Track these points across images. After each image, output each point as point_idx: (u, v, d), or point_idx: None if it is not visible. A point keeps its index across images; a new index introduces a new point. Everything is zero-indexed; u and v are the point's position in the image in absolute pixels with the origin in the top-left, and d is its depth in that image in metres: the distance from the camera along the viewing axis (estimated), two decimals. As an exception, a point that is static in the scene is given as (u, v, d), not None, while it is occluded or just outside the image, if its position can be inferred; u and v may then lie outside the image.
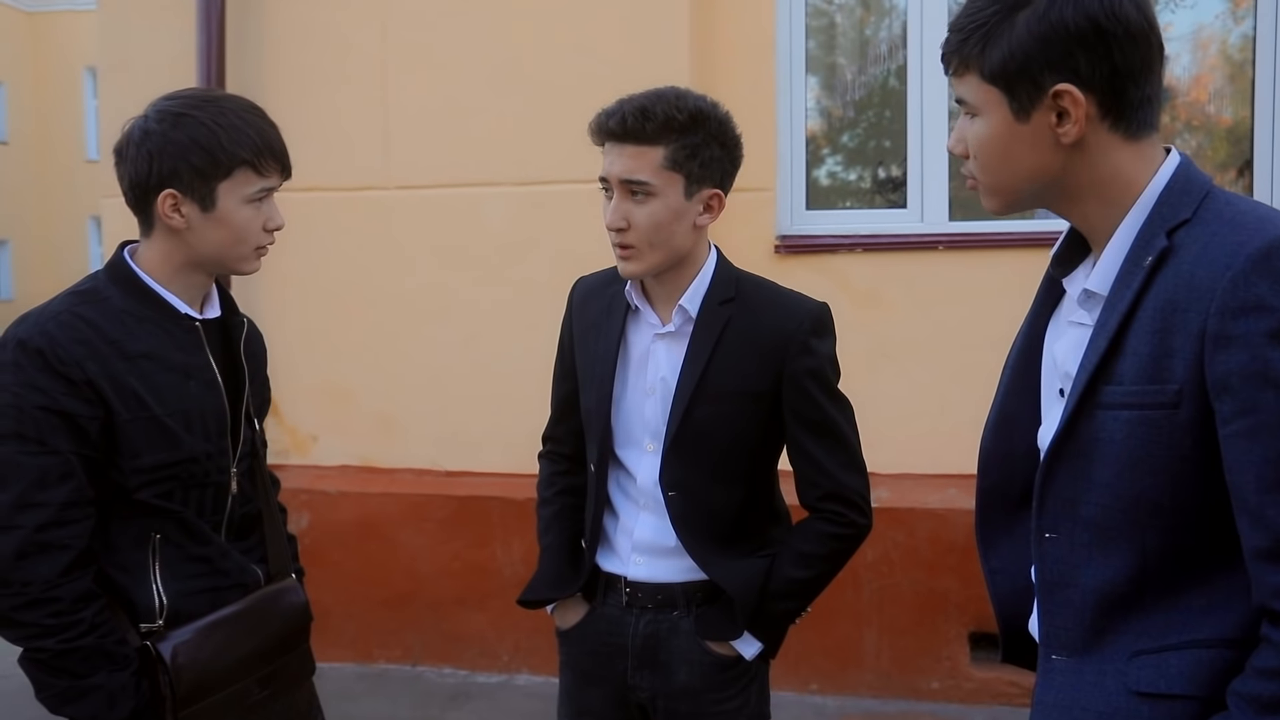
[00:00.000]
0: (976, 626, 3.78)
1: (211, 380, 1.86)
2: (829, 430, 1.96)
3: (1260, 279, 1.14)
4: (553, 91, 4.00)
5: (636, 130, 1.80)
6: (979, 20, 1.28)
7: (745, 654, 1.96)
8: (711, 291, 1.93)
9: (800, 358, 1.92)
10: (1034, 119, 1.27)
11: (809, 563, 1.95)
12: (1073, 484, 1.28)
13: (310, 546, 4.15)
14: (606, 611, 2.02)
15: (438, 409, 4.27)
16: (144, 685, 1.75)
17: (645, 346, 1.97)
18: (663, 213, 1.83)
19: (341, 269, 4.31)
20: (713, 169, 1.86)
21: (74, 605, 1.70)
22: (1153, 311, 1.22)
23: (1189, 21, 4.29)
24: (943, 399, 3.94)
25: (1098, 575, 1.27)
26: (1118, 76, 1.24)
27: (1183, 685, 1.22)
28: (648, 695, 2.00)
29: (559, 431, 2.17)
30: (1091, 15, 1.23)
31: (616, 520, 2.02)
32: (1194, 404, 1.19)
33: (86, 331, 1.74)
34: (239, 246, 1.83)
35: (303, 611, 1.98)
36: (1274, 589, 1.14)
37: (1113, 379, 1.24)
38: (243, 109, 1.81)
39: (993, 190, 1.35)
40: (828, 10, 4.44)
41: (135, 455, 1.75)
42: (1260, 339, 1.13)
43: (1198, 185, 1.27)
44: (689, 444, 1.91)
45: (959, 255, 3.99)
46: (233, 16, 4.26)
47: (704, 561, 1.93)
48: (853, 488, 1.96)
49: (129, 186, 1.80)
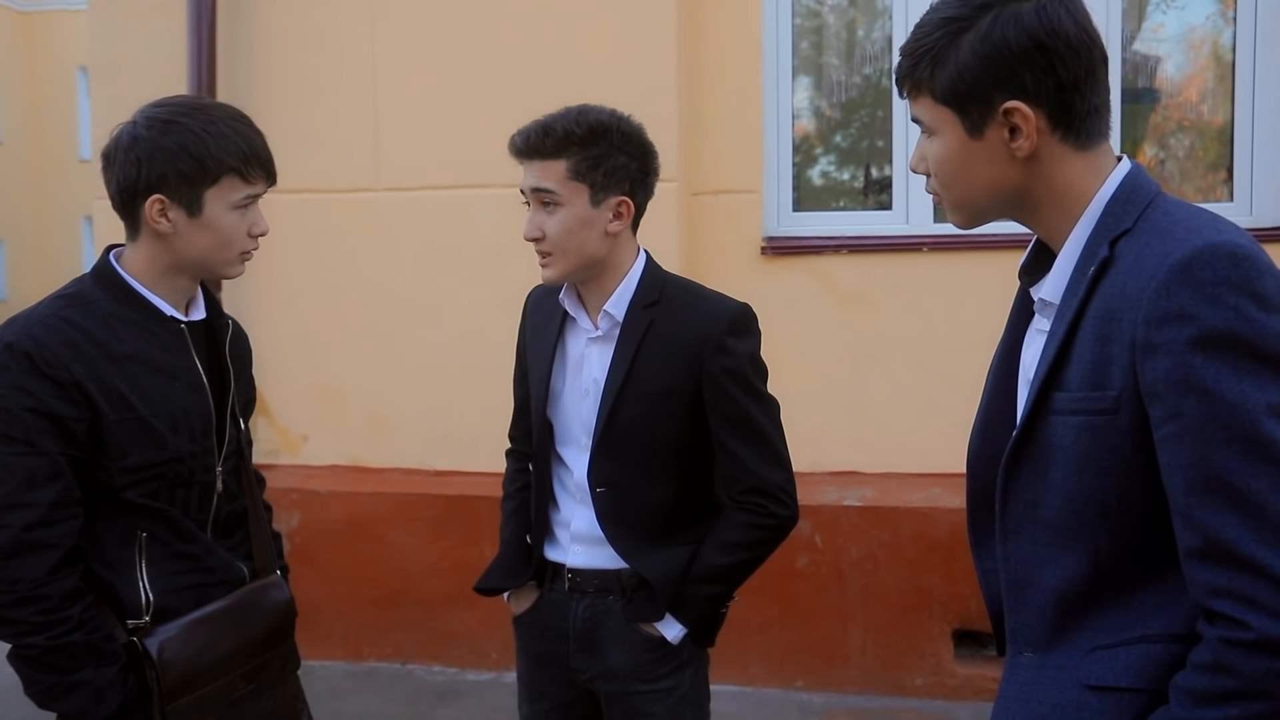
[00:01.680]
0: (960, 624, 3.81)
1: (197, 381, 1.89)
2: (748, 426, 2.04)
3: (1181, 288, 1.17)
4: (542, 93, 3.97)
5: (539, 145, 1.94)
6: (926, 45, 1.32)
7: (668, 635, 2.05)
8: (636, 296, 2.04)
9: (717, 357, 2.00)
10: (987, 135, 1.32)
11: (729, 550, 2.04)
12: (1032, 486, 1.33)
13: (300, 546, 4.19)
14: (553, 597, 2.15)
15: (428, 409, 4.29)
16: (131, 680, 1.79)
17: (580, 350, 2.09)
18: (571, 220, 1.96)
19: (332, 270, 4.33)
20: (618, 178, 1.97)
21: (62, 602, 1.73)
22: (1094, 320, 1.26)
23: (1180, 23, 4.32)
24: (927, 399, 3.97)
25: (1057, 575, 1.32)
26: (1064, 89, 1.28)
27: (1129, 678, 1.26)
28: (586, 677, 2.12)
29: (519, 431, 2.31)
30: (1032, 33, 1.27)
31: (558, 512, 2.15)
32: (1132, 409, 1.23)
33: (73, 334, 1.77)
34: (224, 252, 1.86)
35: (287, 607, 2.02)
36: (1206, 587, 1.18)
37: (1062, 385, 1.28)
38: (231, 117, 1.85)
39: (955, 205, 1.40)
40: (817, 12, 4.47)
41: (122, 455, 1.78)
42: (1181, 347, 1.16)
43: (1143, 194, 1.31)
44: (616, 443, 2.02)
45: (944, 257, 4.02)
46: (223, 18, 4.28)
47: (627, 553, 2.04)
48: (774, 481, 2.05)
49: (116, 191, 1.83)
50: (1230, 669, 1.15)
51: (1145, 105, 4.40)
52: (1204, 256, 1.17)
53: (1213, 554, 1.16)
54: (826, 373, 4.04)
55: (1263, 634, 1.13)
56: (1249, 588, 1.14)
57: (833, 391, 4.04)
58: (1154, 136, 4.43)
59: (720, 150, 4.10)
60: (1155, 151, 4.42)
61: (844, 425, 4.04)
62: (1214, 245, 1.18)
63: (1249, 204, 3.96)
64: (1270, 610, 1.13)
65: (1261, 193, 3.94)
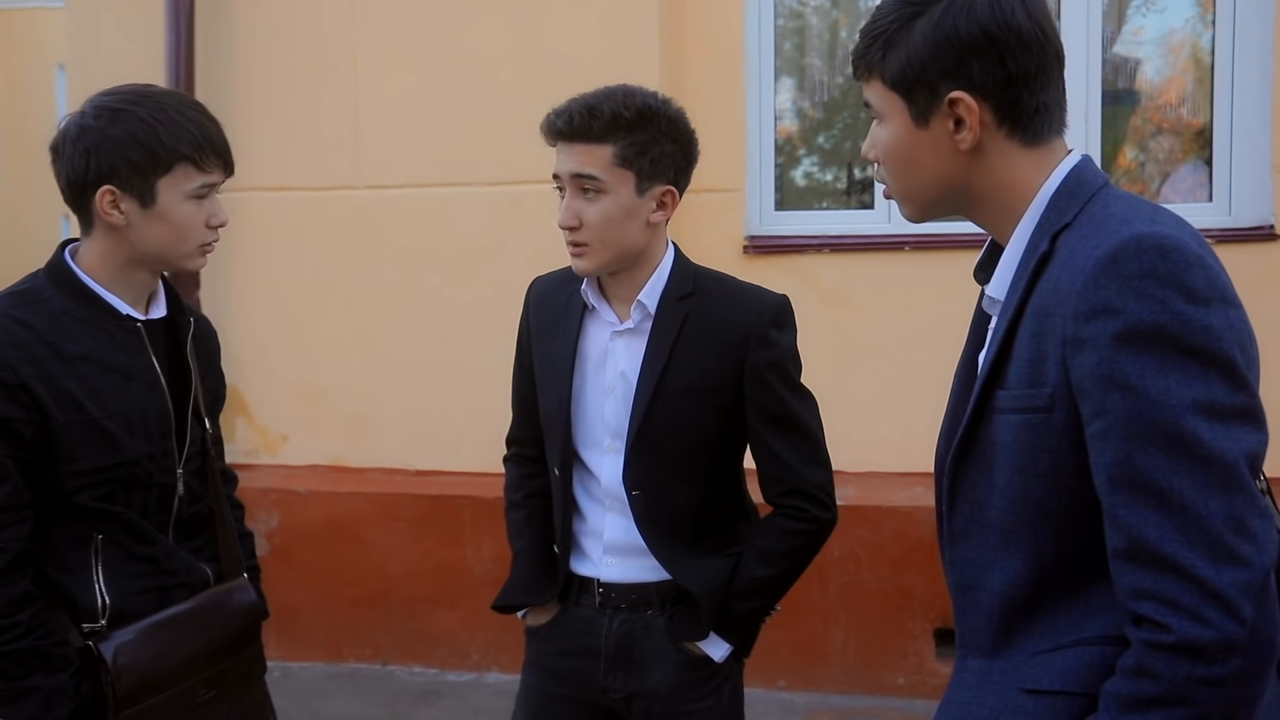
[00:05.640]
0: (942, 623, 3.82)
1: (154, 381, 1.83)
2: (791, 424, 1.95)
3: (1108, 282, 1.14)
4: (524, 91, 4.00)
5: (584, 128, 1.81)
6: (881, 28, 1.31)
7: (714, 655, 1.95)
8: (670, 287, 1.93)
9: (761, 350, 1.91)
10: (933, 125, 1.29)
11: (773, 560, 1.94)
12: (978, 488, 1.29)
13: (280, 546, 4.16)
14: (580, 612, 2.00)
15: (409, 408, 4.27)
16: (84, 686, 1.73)
17: (603, 345, 1.96)
18: (614, 209, 1.84)
19: (313, 269, 4.30)
20: (664, 165, 1.87)
21: (9, 608, 1.68)
22: (1031, 316, 1.23)
23: (1160, 25, 4.34)
24: (909, 398, 3.97)
25: (1001, 578, 1.28)
26: (1011, 84, 1.26)
27: (1064, 682, 1.22)
28: (621, 697, 1.98)
29: (522, 434, 2.15)
30: (984, 24, 1.24)
31: (584, 522, 2.00)
32: (1065, 407, 1.19)
33: (22, 334, 1.71)
34: (181, 243, 1.81)
35: (252, 610, 1.96)
36: (1130, 590, 1.14)
37: (1003, 383, 1.26)
38: (182, 104, 1.80)
39: (903, 196, 1.37)
40: (800, 13, 4.47)
41: (73, 459, 1.73)
42: (1107, 342, 1.13)
43: (1086, 187, 1.27)
44: (652, 441, 1.90)
45: (925, 255, 4.03)
46: (202, 14, 4.25)
47: (668, 561, 1.92)
48: (816, 482, 1.95)
49: (66, 184, 1.78)
50: (1152, 673, 1.11)
51: (1125, 107, 4.42)
52: (1130, 249, 1.14)
53: (1136, 555, 1.12)
54: (808, 372, 3.98)
55: (1183, 637, 1.09)
56: (1171, 590, 1.10)
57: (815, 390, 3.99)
58: (1134, 138, 4.45)
59: (703, 149, 4.03)
60: (1135, 154, 4.44)
61: (826, 424, 4.01)
62: (1142, 237, 1.14)
63: (1228, 205, 3.98)
64: (1191, 613, 1.09)
65: (1240, 194, 3.97)
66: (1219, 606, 1.08)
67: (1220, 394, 1.12)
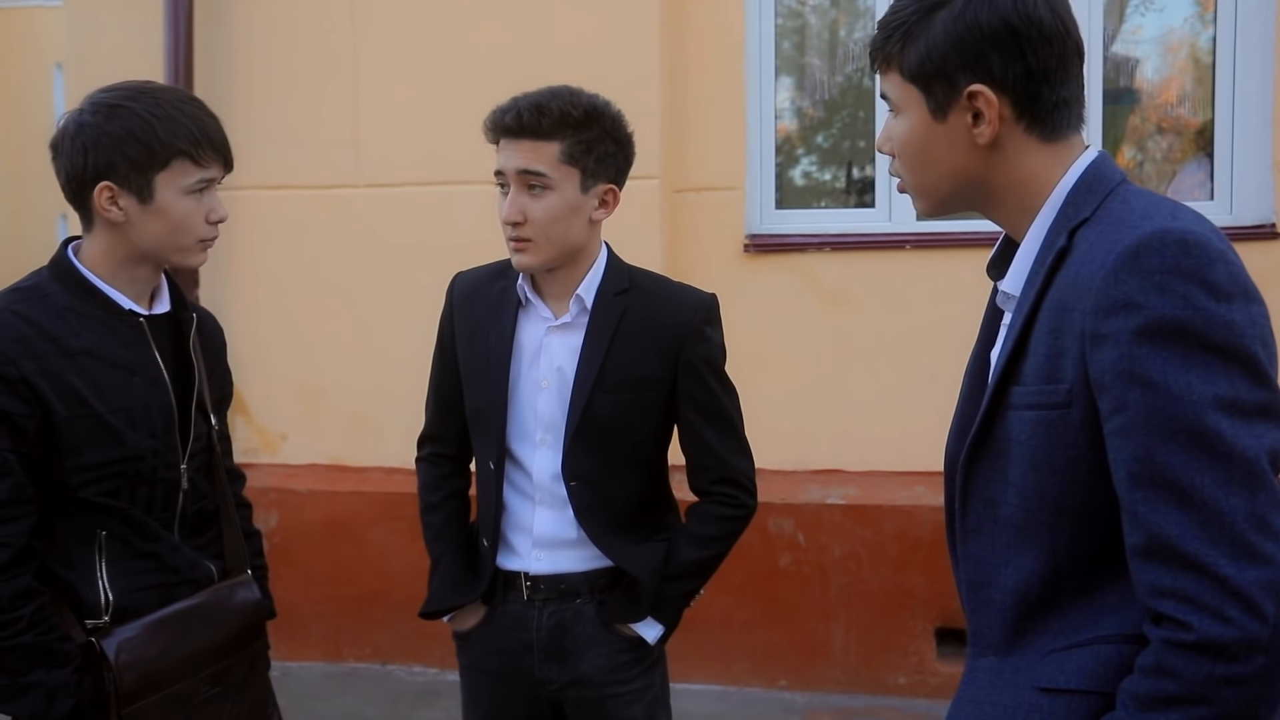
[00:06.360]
0: (943, 622, 3.82)
1: (157, 377, 1.83)
2: (720, 416, 2.03)
3: (1129, 276, 1.13)
4: (523, 90, 4.00)
5: (533, 125, 1.85)
6: (901, 19, 1.30)
7: (648, 637, 2.01)
8: (605, 283, 1.98)
9: (697, 345, 1.98)
10: (951, 119, 1.28)
11: (706, 544, 2.02)
12: (991, 485, 1.29)
13: (279, 545, 4.16)
14: (508, 609, 2.03)
15: (409, 407, 4.23)
16: (86, 682, 1.73)
17: (538, 340, 1.99)
18: (560, 206, 1.87)
19: (312, 267, 4.30)
20: (607, 164, 1.91)
21: (12, 603, 1.68)
22: (1049, 312, 1.22)
23: (1158, 24, 4.34)
24: (910, 397, 3.97)
25: (1015, 575, 1.27)
26: (1031, 78, 1.25)
27: (1080, 680, 1.21)
28: (556, 686, 2.02)
29: (441, 431, 2.16)
30: (1005, 17, 1.24)
31: (511, 517, 2.03)
32: (1083, 403, 1.18)
33: (25, 329, 1.72)
34: (180, 239, 1.81)
35: (257, 608, 1.96)
36: (1150, 587, 1.13)
37: (1019, 380, 1.25)
38: (180, 100, 1.80)
39: (918, 190, 1.36)
40: (799, 12, 4.47)
41: (77, 453, 1.73)
42: (1128, 337, 1.12)
43: (1105, 182, 1.26)
44: (590, 434, 1.95)
45: (926, 255, 4.03)
46: (201, 12, 4.24)
47: (607, 548, 1.98)
48: (742, 471, 2.04)
49: (65, 181, 1.78)
50: (1172, 672, 1.10)
51: (1125, 106, 4.42)
52: (1153, 243, 1.13)
53: (1156, 552, 1.12)
54: (809, 371, 4.04)
55: (1204, 636, 1.08)
56: (1191, 588, 1.09)
57: (815, 389, 4.04)
58: (1133, 138, 4.45)
59: (703, 148, 4.09)
60: (1134, 153, 4.44)
61: (826, 423, 4.04)
62: (1165, 231, 1.13)
63: (1229, 203, 3.99)
64: (1212, 611, 1.08)
65: (1241, 192, 3.97)
66: (1240, 605, 1.08)
67: (1242, 390, 1.11)
